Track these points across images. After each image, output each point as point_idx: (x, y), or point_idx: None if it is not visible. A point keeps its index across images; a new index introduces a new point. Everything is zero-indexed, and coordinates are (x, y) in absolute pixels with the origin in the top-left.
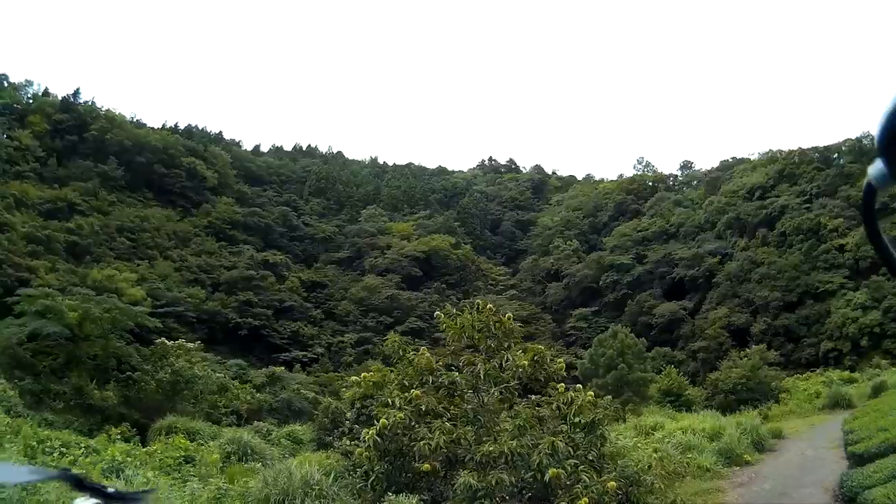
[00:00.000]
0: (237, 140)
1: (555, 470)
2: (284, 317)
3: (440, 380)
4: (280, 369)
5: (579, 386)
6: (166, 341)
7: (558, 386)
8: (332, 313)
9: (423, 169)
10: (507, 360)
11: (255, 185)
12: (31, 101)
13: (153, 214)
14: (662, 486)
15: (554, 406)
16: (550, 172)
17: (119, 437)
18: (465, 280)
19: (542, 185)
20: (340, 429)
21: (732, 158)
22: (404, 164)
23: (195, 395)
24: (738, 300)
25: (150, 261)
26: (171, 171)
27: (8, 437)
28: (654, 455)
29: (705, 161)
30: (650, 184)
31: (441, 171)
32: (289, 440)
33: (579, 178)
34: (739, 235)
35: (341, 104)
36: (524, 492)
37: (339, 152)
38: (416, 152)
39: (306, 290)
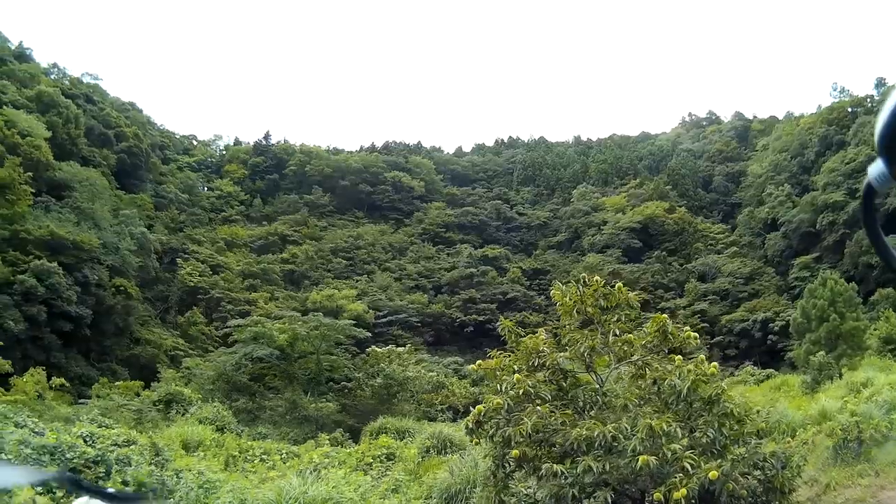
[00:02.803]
0: (438, 146)
1: (644, 457)
2: (509, 308)
3: (544, 361)
4: None
5: (702, 356)
6: (377, 349)
7: (676, 358)
8: None
9: (626, 138)
10: (615, 333)
11: (462, 186)
12: (223, 152)
13: (366, 231)
14: (812, 469)
15: (666, 383)
16: (751, 117)
17: (329, 442)
18: (685, 244)
19: (745, 131)
20: None
21: None
22: (607, 136)
23: (410, 395)
24: None
25: (368, 275)
26: (377, 188)
27: (213, 449)
28: (851, 419)
29: None
30: (849, 110)
31: (644, 136)
32: None
33: (780, 117)
34: None
35: (537, 91)
36: (616, 481)
37: (542, 137)
38: (617, 122)
39: (528, 279)
